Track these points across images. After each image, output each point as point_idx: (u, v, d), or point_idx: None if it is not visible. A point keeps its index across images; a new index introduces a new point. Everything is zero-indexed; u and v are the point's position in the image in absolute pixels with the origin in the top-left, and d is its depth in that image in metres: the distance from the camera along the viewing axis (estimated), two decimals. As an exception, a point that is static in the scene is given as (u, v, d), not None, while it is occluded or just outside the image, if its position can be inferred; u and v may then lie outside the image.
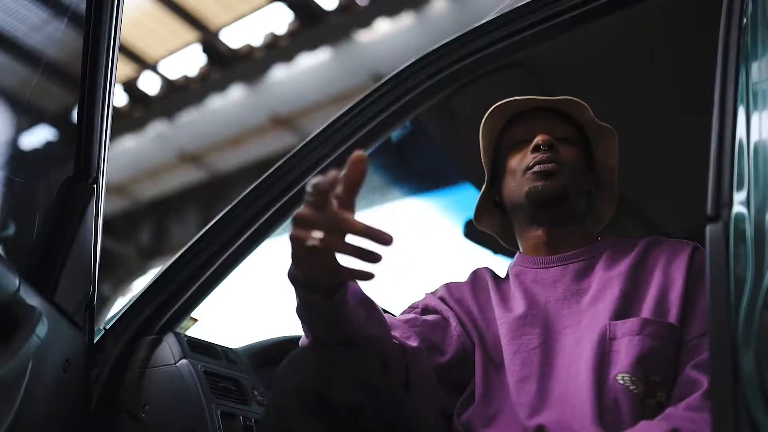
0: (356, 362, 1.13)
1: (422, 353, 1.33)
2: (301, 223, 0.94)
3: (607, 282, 1.33)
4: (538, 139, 1.39)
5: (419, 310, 1.46)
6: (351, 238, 0.92)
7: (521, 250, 1.49)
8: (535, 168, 1.38)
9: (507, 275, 1.47)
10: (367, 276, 0.93)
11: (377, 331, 1.22)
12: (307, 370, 1.09)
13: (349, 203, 0.92)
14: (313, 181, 0.92)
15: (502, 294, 1.42)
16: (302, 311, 1.16)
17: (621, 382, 1.20)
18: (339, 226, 0.91)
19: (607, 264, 1.37)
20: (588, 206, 1.48)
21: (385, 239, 0.89)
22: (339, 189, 0.91)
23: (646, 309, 1.26)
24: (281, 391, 1.10)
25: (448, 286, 1.49)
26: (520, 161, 1.42)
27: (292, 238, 0.96)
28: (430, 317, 1.42)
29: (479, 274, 1.51)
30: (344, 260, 0.95)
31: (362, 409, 1.06)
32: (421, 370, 1.32)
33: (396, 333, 1.35)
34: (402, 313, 1.47)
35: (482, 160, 1.52)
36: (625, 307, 1.28)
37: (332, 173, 0.92)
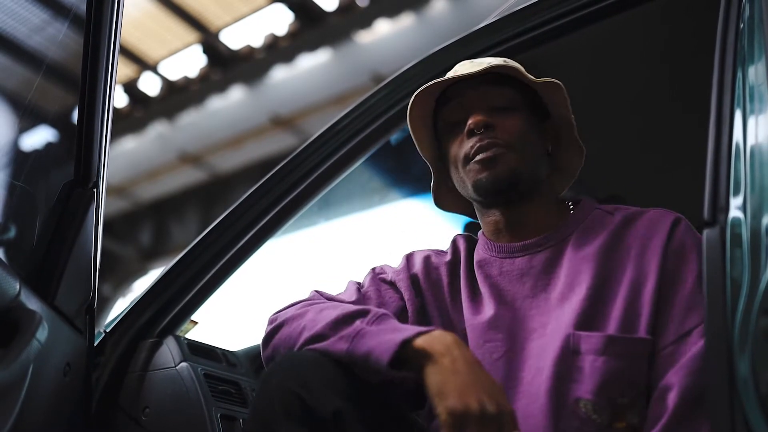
0: (338, 368, 1.10)
1: None
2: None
3: (576, 273, 1.20)
4: (471, 123, 1.25)
5: (384, 284, 1.33)
6: None
7: (483, 231, 1.35)
8: (476, 158, 1.25)
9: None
10: None
11: None
12: (290, 375, 1.07)
13: None
14: None
15: (472, 286, 1.29)
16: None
17: (583, 410, 1.11)
18: None
19: (578, 246, 1.23)
20: (549, 168, 1.33)
21: None
22: None
23: (614, 319, 1.14)
24: (264, 396, 1.08)
25: (428, 263, 1.34)
26: (459, 148, 1.28)
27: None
28: (389, 298, 1.30)
29: (458, 248, 1.36)
30: None
31: (344, 415, 1.04)
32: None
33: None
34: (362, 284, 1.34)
35: (420, 152, 1.38)
36: (591, 311, 1.16)
37: None
